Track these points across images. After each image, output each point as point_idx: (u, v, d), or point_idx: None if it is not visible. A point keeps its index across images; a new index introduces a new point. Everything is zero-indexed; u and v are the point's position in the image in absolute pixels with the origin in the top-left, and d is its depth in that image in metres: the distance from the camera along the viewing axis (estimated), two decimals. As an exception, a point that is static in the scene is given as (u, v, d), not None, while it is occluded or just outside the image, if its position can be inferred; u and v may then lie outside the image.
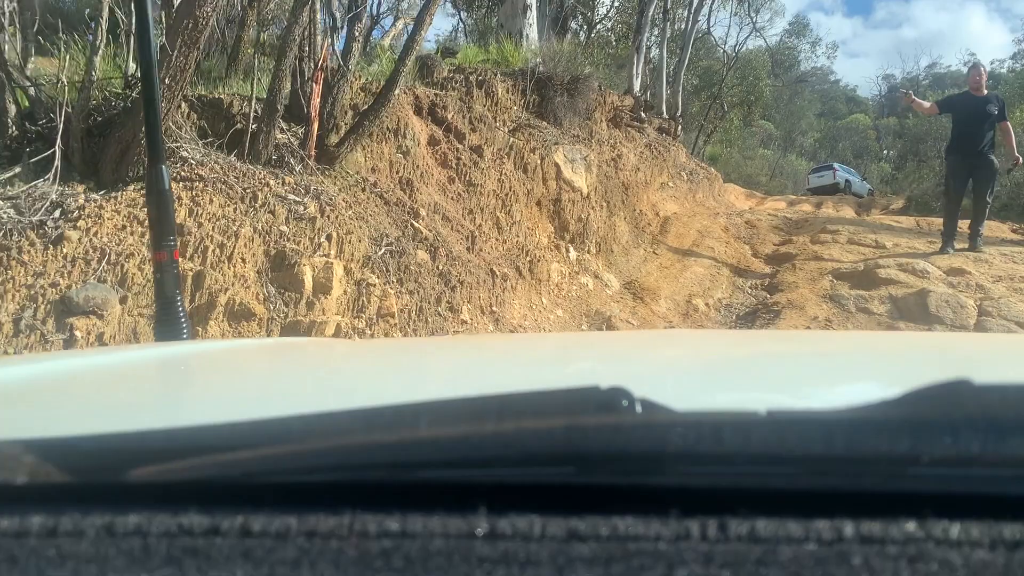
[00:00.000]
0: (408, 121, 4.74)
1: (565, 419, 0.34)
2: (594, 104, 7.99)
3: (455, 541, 0.31)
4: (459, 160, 5.02)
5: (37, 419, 0.56)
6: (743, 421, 0.33)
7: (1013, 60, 33.16)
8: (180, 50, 3.01)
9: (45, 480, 0.35)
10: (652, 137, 10.54)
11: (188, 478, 0.35)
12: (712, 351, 1.01)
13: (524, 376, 0.80)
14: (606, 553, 0.30)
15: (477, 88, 6.22)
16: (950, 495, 0.32)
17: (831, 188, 21.76)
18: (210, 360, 0.95)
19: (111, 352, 1.28)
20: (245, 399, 0.67)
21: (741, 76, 23.38)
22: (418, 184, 4.55)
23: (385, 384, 0.77)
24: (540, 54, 6.98)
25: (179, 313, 2.04)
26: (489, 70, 6.67)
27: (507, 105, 6.47)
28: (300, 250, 3.21)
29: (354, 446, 0.35)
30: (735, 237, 8.34)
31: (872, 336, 2.15)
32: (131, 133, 3.05)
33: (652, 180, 9.01)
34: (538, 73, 6.76)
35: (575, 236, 6.53)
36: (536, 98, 6.92)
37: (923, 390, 0.34)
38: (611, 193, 7.34)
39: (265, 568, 0.31)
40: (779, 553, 0.30)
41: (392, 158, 4.54)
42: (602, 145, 7.75)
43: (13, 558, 0.32)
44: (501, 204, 5.22)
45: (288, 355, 1.02)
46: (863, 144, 42.19)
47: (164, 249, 2.08)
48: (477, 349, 1.16)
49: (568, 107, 7.14)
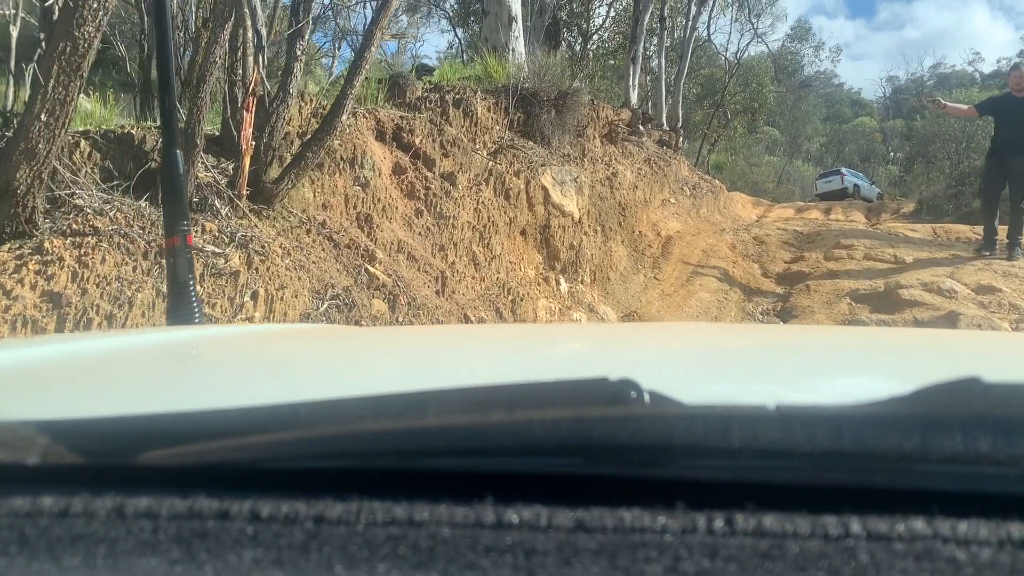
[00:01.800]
0: (367, 148, 4.19)
1: (573, 410, 0.34)
2: (586, 120, 7.44)
3: (462, 530, 0.31)
4: (428, 190, 4.46)
5: (49, 401, 0.56)
6: (751, 415, 0.33)
7: (1021, 57, 32.44)
8: (58, 79, 2.46)
9: (57, 461, 0.35)
10: (652, 151, 9.98)
11: (198, 462, 0.35)
12: (722, 344, 0.98)
13: (532, 366, 0.79)
14: (612, 544, 0.30)
15: (454, 108, 5.67)
16: (958, 493, 0.32)
17: (840, 193, 21.62)
18: (221, 345, 0.95)
19: (123, 335, 1.26)
20: (255, 384, 0.68)
21: (744, 83, 23.39)
22: (379, 220, 3.99)
23: (394, 372, 0.76)
24: (525, 68, 6.43)
25: (192, 298, 2.04)
26: (469, 87, 6.12)
27: (488, 125, 5.91)
28: (215, 315, 2.64)
29: (362, 433, 0.35)
30: (743, 255, 7.83)
31: (883, 332, 2.10)
32: (2, 180, 2.50)
33: (652, 198, 8.43)
34: (522, 89, 6.21)
35: (567, 266, 5.95)
36: (521, 116, 6.37)
37: (933, 387, 0.34)
38: (606, 215, 6.76)
39: (273, 552, 0.31)
40: (785, 548, 0.30)
41: (348, 191, 3.98)
42: (596, 164, 7.19)
43: (25, 537, 0.32)
44: (478, 237, 4.64)
45: (298, 341, 1.02)
46: (870, 147, 42.23)
47: (177, 234, 2.06)
48: (486, 338, 1.14)
49: (557, 124, 6.58)
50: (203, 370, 0.79)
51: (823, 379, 0.70)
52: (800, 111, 34.64)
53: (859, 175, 24.33)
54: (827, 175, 23.53)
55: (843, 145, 41.08)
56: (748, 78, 22.94)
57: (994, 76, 37.90)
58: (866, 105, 49.42)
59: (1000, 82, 33.87)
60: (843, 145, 41.08)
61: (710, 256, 7.62)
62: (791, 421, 0.32)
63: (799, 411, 0.34)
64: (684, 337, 1.12)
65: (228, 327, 2.00)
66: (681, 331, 1.42)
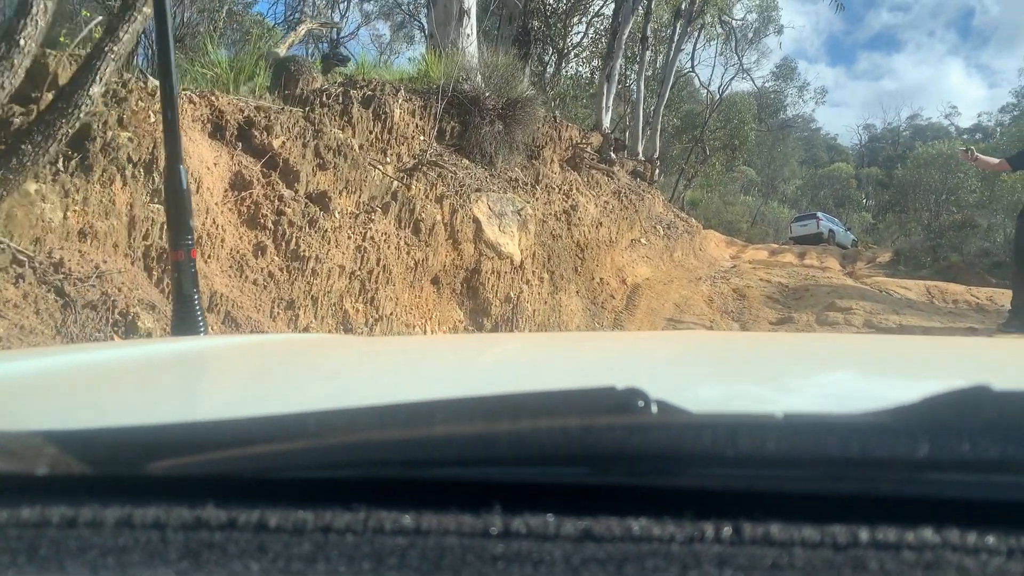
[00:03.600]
0: (189, 148, 2.74)
1: (580, 419, 0.34)
2: (544, 139, 6.13)
3: (469, 539, 0.31)
4: (282, 215, 3.03)
5: (57, 411, 0.55)
6: (759, 424, 0.33)
7: (1002, 113, 32.33)
8: None
9: (65, 472, 0.35)
10: (624, 182, 8.72)
11: (206, 472, 0.35)
12: (729, 353, 0.97)
13: (539, 375, 0.79)
14: (620, 554, 0.30)
15: (361, 107, 4.29)
16: (967, 502, 0.32)
17: (814, 237, 21.33)
18: (227, 355, 0.95)
19: (130, 346, 1.22)
20: (262, 394, 0.67)
21: (725, 119, 22.94)
22: (183, 258, 2.52)
23: (401, 381, 0.76)
24: (465, 69, 5.09)
25: (196, 311, 2.04)
26: (390, 85, 4.73)
27: (407, 133, 4.53)
28: None
29: (369, 443, 0.35)
30: (722, 311, 6.68)
31: (890, 340, 1.99)
32: None
33: (619, 237, 7.10)
34: (459, 92, 4.85)
35: (499, 322, 4.53)
36: (456, 126, 5.00)
37: (941, 396, 0.33)
38: (559, 259, 5.38)
39: (281, 562, 0.31)
40: (794, 557, 0.30)
41: (138, 212, 2.52)
42: (551, 193, 5.84)
43: (34, 548, 0.32)
44: (358, 288, 3.22)
45: (305, 351, 1.01)
46: (845, 193, 42.67)
47: (181, 248, 2.06)
48: (493, 348, 1.13)
49: (503, 140, 5.22)
50: (210, 380, 0.78)
51: (831, 388, 0.70)
52: (779, 152, 34.46)
53: (834, 220, 24.27)
54: (802, 218, 23.43)
55: (819, 189, 41.34)
56: (730, 114, 22.64)
57: (975, 130, 38.04)
58: (842, 151, 49.76)
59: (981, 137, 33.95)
60: (819, 189, 41.34)
61: (684, 311, 6.43)
62: (799, 430, 0.33)
63: (807, 420, 0.34)
64: (691, 346, 1.12)
65: (233, 337, 1.92)
66: (688, 340, 1.41)
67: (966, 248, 15.27)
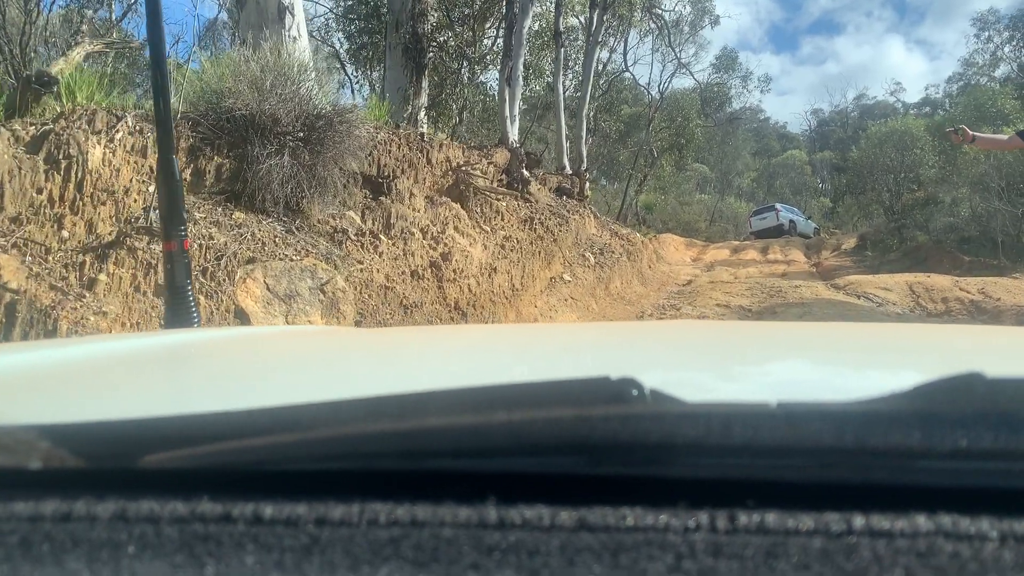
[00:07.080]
0: None
1: (575, 409, 0.34)
2: (396, 165, 4.43)
3: (464, 530, 0.31)
4: None
5: (51, 405, 0.55)
6: (753, 413, 0.33)
7: (948, 83, 31.73)
8: None
9: (59, 466, 0.35)
10: (542, 204, 7.11)
11: (200, 465, 0.35)
12: (723, 342, 0.97)
13: (534, 366, 0.79)
14: (615, 543, 0.30)
15: (28, 152, 2.54)
16: (961, 489, 0.32)
17: (775, 230, 20.44)
18: (221, 348, 0.94)
19: (122, 339, 1.23)
20: (255, 386, 0.67)
21: (669, 118, 21.88)
22: None
23: (395, 372, 0.76)
24: (254, 80, 3.42)
25: (189, 302, 2.06)
26: (108, 114, 3.02)
27: (113, 187, 2.80)
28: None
29: (363, 435, 0.35)
30: None
31: (884, 328, 2.05)
32: None
33: (529, 281, 5.45)
34: (226, 109, 3.18)
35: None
36: (228, 162, 3.28)
37: (935, 383, 0.33)
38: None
39: (276, 554, 0.31)
40: (788, 545, 0.30)
41: None
42: (408, 241, 4.15)
43: (28, 542, 0.32)
44: None
45: (298, 343, 1.01)
46: (800, 180, 42.06)
47: (174, 239, 2.08)
48: (487, 338, 1.13)
49: (309, 176, 3.51)
50: (204, 373, 0.78)
51: (825, 376, 0.70)
52: (730, 146, 33.59)
53: (794, 210, 23.40)
54: (761, 211, 22.53)
55: (774, 179, 40.65)
56: (674, 112, 21.53)
57: (923, 103, 37.52)
58: (793, 138, 49.33)
59: (929, 110, 33.34)
60: (774, 179, 40.65)
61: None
62: (793, 418, 0.33)
63: (801, 408, 0.34)
64: (685, 335, 1.11)
65: (228, 329, 1.92)
66: (682, 329, 1.42)
67: (932, 225, 14.24)
